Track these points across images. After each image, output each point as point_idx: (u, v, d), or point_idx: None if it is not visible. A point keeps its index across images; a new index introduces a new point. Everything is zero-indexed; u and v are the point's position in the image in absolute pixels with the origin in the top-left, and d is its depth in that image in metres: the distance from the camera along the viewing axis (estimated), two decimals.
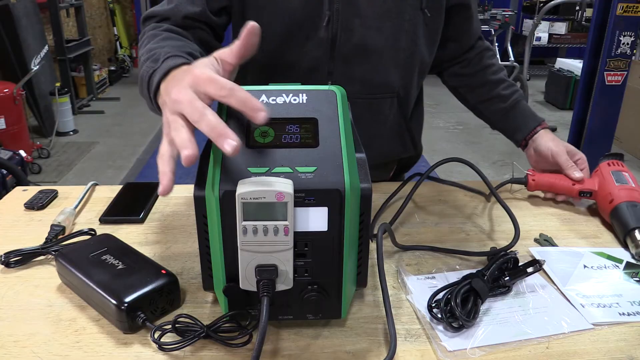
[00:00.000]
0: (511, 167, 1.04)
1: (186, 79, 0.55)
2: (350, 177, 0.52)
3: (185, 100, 0.53)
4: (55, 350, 0.56)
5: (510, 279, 0.66)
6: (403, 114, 1.01)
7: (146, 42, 0.82)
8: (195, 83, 0.54)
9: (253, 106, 0.50)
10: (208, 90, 0.53)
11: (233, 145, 0.49)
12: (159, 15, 0.89)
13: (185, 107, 0.53)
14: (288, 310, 0.57)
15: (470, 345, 0.57)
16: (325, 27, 0.88)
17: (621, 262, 0.74)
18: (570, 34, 6.07)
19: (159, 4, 0.91)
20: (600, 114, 2.42)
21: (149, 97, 0.72)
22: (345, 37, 0.89)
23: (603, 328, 0.61)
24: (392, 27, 0.90)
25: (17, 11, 3.72)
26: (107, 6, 6.15)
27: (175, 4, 0.88)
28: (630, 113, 3.67)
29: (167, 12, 0.88)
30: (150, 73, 0.71)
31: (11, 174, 2.35)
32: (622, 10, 2.25)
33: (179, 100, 0.54)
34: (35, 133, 3.99)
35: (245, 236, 0.51)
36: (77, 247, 0.68)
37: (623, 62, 2.34)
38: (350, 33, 0.89)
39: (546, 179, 0.91)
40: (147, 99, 0.74)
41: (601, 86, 2.37)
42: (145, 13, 0.91)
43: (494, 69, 1.08)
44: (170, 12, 0.88)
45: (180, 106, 0.53)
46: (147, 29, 0.87)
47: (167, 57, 0.72)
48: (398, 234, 0.80)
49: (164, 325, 0.56)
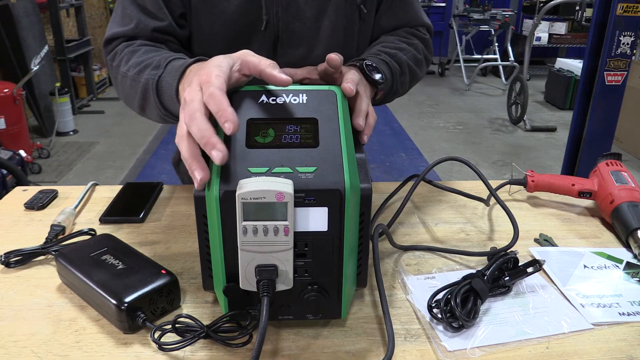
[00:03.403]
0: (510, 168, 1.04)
1: (196, 79, 0.56)
2: (350, 177, 0.52)
3: (189, 100, 0.54)
4: (55, 350, 0.56)
5: (510, 279, 0.66)
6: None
7: (127, 57, 0.80)
8: (201, 82, 0.55)
9: (222, 116, 0.51)
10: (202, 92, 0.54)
11: (219, 155, 0.50)
12: (123, 35, 0.84)
13: (184, 108, 0.54)
14: (288, 310, 0.57)
15: (470, 345, 0.57)
16: (265, 31, 0.88)
17: (621, 262, 0.74)
18: (570, 34, 6.08)
19: (113, 26, 0.86)
20: (600, 114, 2.42)
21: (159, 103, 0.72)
22: (287, 39, 0.90)
23: (603, 328, 0.61)
24: (330, 25, 0.91)
25: (17, 11, 3.72)
26: (107, 6, 6.15)
27: (135, 22, 0.83)
28: (630, 113, 3.67)
29: (132, 30, 0.83)
30: (157, 80, 0.71)
31: (11, 174, 2.35)
32: (622, 10, 2.25)
33: (187, 101, 0.55)
34: (35, 133, 3.99)
35: (245, 236, 0.51)
36: (77, 247, 0.68)
37: (623, 62, 2.33)
38: (292, 34, 0.90)
39: (545, 179, 0.91)
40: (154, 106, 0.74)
41: (601, 86, 2.37)
42: (106, 36, 0.86)
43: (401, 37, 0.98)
44: (135, 30, 0.84)
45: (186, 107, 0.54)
46: (120, 48, 0.83)
47: (170, 60, 0.72)
48: (398, 234, 0.80)
49: (164, 325, 0.56)
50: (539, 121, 4.67)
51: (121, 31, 0.84)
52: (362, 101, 0.67)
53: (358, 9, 0.92)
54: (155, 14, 0.84)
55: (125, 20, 0.84)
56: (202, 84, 0.54)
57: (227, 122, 0.50)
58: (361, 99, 0.67)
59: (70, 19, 5.09)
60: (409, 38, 0.98)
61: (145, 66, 0.75)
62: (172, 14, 0.87)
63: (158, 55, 0.76)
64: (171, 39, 0.87)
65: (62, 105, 4.07)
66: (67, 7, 4.74)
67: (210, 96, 0.52)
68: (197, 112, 0.52)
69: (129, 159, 3.66)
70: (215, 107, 0.52)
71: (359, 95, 0.67)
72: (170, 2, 0.86)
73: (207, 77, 0.54)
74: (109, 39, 0.86)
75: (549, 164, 3.71)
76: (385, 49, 0.89)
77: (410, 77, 0.93)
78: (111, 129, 4.31)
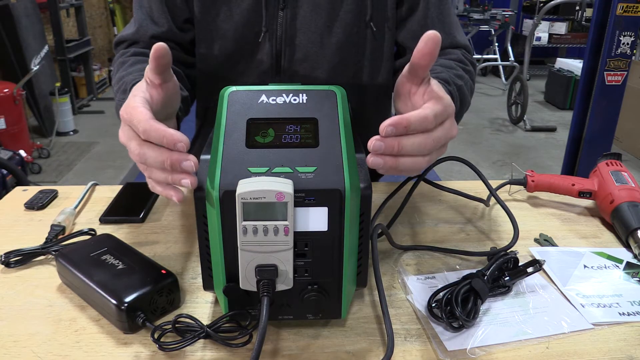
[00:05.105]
0: (510, 168, 1.03)
1: (124, 117, 0.56)
2: (351, 177, 0.52)
3: (125, 141, 0.55)
4: (55, 350, 0.56)
5: (510, 279, 0.66)
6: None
7: (116, 70, 0.83)
8: (125, 121, 0.55)
9: (170, 142, 0.51)
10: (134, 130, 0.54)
11: (188, 184, 0.51)
12: (127, 39, 0.90)
13: (130, 152, 0.55)
14: (288, 310, 0.57)
15: (470, 345, 0.57)
16: (265, 43, 0.88)
17: (621, 262, 0.74)
18: (570, 34, 6.08)
19: (124, 29, 0.92)
20: (600, 114, 2.42)
21: None
22: (290, 52, 0.89)
23: (603, 328, 0.61)
24: (336, 41, 0.88)
25: (17, 11, 3.72)
26: (107, 6, 6.15)
27: (137, 26, 0.88)
28: (630, 113, 3.67)
29: (134, 35, 0.89)
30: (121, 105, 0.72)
31: (11, 174, 2.35)
32: (622, 10, 2.24)
33: (123, 142, 0.56)
34: (35, 133, 3.99)
35: (245, 236, 0.51)
36: (77, 247, 0.68)
37: (623, 62, 2.33)
38: (295, 48, 0.89)
39: (545, 179, 0.91)
40: None
41: (601, 86, 2.37)
42: (115, 39, 0.93)
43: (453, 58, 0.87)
44: (136, 35, 0.88)
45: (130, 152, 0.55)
46: (117, 56, 0.88)
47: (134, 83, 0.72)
48: (398, 234, 0.80)
49: (164, 325, 0.56)
50: (539, 121, 4.67)
51: (125, 35, 0.90)
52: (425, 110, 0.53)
53: (368, 27, 0.88)
54: (157, 21, 0.87)
55: (131, 24, 0.90)
56: (129, 124, 0.54)
57: (179, 143, 0.50)
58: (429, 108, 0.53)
59: (70, 19, 5.09)
60: (465, 64, 0.87)
61: (120, 86, 0.77)
62: (177, 19, 0.89)
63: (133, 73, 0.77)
64: (170, 44, 0.88)
65: (62, 105, 4.07)
66: (67, 7, 4.74)
67: (145, 133, 0.52)
68: (145, 155, 0.52)
69: (129, 159, 3.63)
70: (157, 139, 0.51)
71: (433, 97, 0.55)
72: (175, 7, 0.88)
73: (129, 116, 0.54)
74: (116, 41, 0.91)
75: (549, 164, 3.71)
76: (452, 76, 0.78)
77: (463, 111, 0.84)
78: (111, 129, 4.31)
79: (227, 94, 0.60)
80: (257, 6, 0.86)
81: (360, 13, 0.86)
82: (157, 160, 0.52)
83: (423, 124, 0.52)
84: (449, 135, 0.55)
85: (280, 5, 0.86)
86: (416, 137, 0.52)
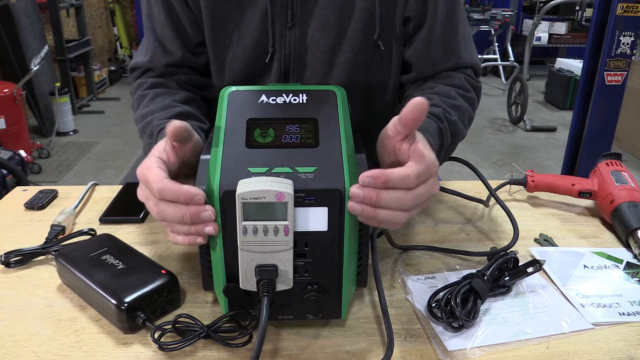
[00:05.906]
0: (510, 168, 1.03)
1: (139, 176, 0.56)
2: (350, 177, 0.52)
3: (144, 200, 0.56)
4: (55, 350, 0.56)
5: (510, 279, 0.66)
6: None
7: (136, 104, 0.85)
8: (142, 181, 0.56)
9: (187, 196, 0.51)
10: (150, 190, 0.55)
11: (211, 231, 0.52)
12: (142, 66, 0.91)
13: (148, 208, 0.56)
14: (288, 310, 0.57)
15: (470, 345, 0.57)
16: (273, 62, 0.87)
17: (621, 262, 0.74)
18: (570, 34, 6.07)
19: (137, 54, 0.94)
20: (600, 114, 2.42)
21: None
22: (299, 71, 0.88)
23: (603, 328, 0.61)
24: (345, 60, 0.87)
25: (17, 11, 3.72)
26: (107, 6, 6.15)
27: (151, 55, 0.89)
28: (630, 113, 3.67)
29: (148, 63, 0.90)
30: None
31: (11, 174, 2.35)
32: (622, 10, 2.24)
33: (142, 200, 0.57)
34: (35, 133, 3.99)
35: (245, 236, 0.51)
36: (77, 247, 0.68)
37: (623, 62, 2.33)
38: (304, 67, 0.88)
39: (545, 179, 0.91)
40: None
41: (601, 86, 2.37)
42: (130, 65, 0.94)
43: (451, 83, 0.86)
44: (150, 63, 0.89)
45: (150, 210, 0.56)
46: (135, 87, 0.89)
47: (160, 129, 0.74)
48: (398, 234, 0.80)
49: (164, 325, 0.56)
50: (539, 121, 4.67)
51: (139, 62, 0.91)
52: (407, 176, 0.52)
53: (376, 45, 0.87)
54: (169, 49, 0.88)
55: (144, 50, 0.91)
56: (145, 184, 0.55)
57: (196, 197, 0.51)
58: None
59: (70, 19, 5.09)
60: (467, 90, 0.87)
61: (145, 126, 0.78)
62: (188, 44, 0.89)
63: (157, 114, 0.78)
64: (184, 70, 0.90)
65: (62, 105, 4.07)
66: (67, 7, 4.74)
67: (161, 192, 0.52)
68: (164, 212, 0.53)
69: (129, 159, 3.66)
70: (174, 197, 0.52)
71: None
72: (186, 33, 0.88)
73: (144, 176, 0.55)
74: (131, 68, 0.94)
75: (549, 164, 3.70)
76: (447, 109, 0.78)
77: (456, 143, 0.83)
78: (111, 129, 4.31)
79: (227, 94, 0.60)
80: (264, 25, 0.85)
81: (369, 31, 0.85)
82: (177, 216, 0.52)
83: (404, 182, 0.52)
84: (431, 192, 0.55)
85: (289, 24, 0.85)
86: (396, 192, 0.52)
